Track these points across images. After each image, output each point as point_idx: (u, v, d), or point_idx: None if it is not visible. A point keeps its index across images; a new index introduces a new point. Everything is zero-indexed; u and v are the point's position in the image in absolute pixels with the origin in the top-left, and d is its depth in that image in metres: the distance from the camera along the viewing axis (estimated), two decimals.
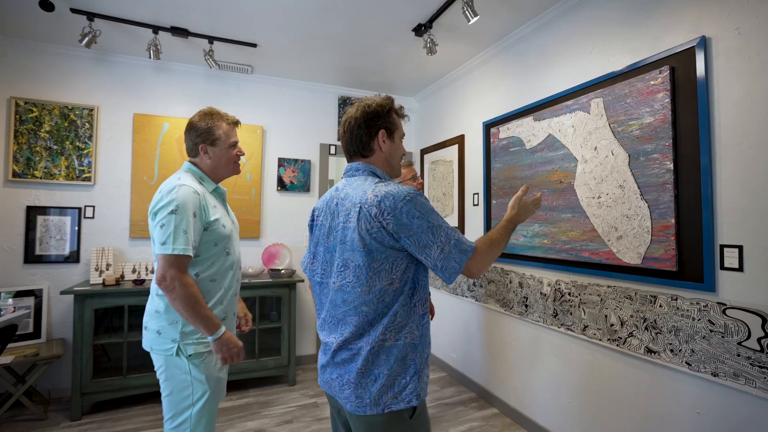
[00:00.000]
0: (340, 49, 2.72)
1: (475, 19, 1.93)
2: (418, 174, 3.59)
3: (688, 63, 1.54)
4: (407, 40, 2.56)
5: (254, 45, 2.64)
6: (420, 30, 2.35)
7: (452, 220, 3.15)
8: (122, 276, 2.69)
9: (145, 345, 1.33)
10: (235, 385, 2.89)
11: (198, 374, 1.30)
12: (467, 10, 1.90)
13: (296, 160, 3.35)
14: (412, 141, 3.85)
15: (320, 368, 1.10)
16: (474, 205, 2.91)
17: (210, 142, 1.40)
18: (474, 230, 2.90)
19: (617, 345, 1.81)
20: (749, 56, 1.39)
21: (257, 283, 2.84)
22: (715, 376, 1.46)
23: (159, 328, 1.31)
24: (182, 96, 3.05)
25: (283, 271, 3.05)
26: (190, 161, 1.44)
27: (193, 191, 1.29)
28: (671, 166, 1.58)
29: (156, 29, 2.36)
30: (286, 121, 3.34)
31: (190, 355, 1.29)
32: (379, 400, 0.97)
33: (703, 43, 1.50)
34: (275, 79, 3.28)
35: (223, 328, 1.30)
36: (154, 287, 1.34)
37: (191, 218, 1.26)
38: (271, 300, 3.14)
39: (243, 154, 1.51)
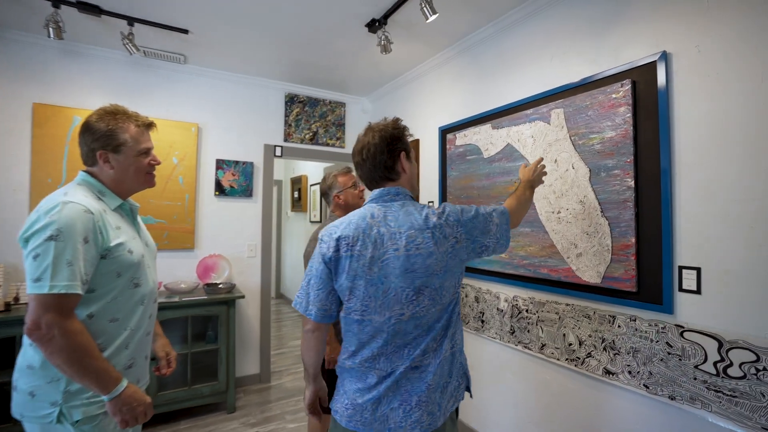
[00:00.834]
0: (287, 41, 2.46)
1: (434, 17, 1.78)
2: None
3: (650, 78, 1.50)
4: (360, 36, 2.36)
5: (185, 31, 2.30)
6: (374, 26, 2.17)
7: None
8: (16, 298, 2.24)
9: (15, 412, 1.02)
10: (161, 418, 2.54)
11: None
12: (425, 6, 1.75)
13: (237, 162, 3.03)
14: None
15: (366, 406, 1.01)
16: None
17: (112, 148, 1.11)
18: None
19: (575, 365, 1.75)
20: (708, 75, 1.36)
21: (190, 302, 2.50)
22: (672, 399, 1.43)
23: (33, 389, 1.00)
24: (99, 86, 2.61)
25: (221, 286, 2.73)
26: (86, 171, 1.14)
27: (84, 209, 1.01)
28: (632, 183, 1.53)
29: (57, 2, 1.96)
30: (225, 118, 3.00)
31: (77, 421, 1.00)
32: (446, 408, 1.03)
33: (665, 57, 1.46)
34: (213, 72, 2.93)
35: (124, 383, 1.03)
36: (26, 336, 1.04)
37: (80, 245, 0.98)
38: (206, 318, 2.81)
39: (158, 164, 1.23)
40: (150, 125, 1.20)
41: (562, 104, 1.79)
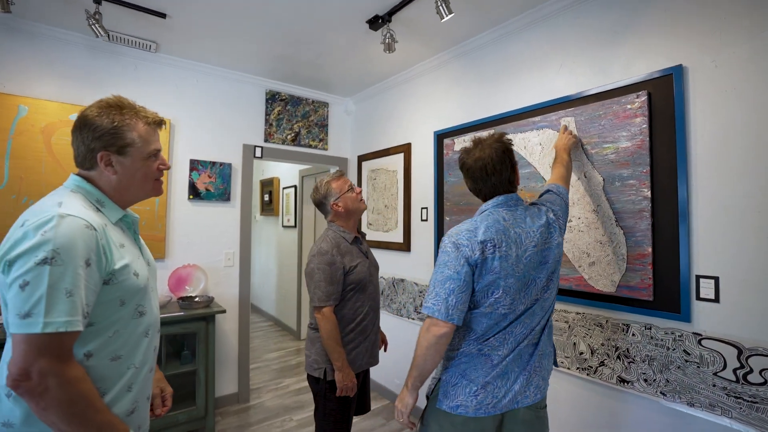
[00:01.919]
0: (275, 33, 2.28)
1: (449, 16, 1.71)
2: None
3: (665, 90, 1.52)
4: (359, 33, 2.24)
5: (163, 15, 2.05)
6: (377, 23, 2.06)
7: (396, 236, 2.92)
8: None
9: None
10: None
11: None
12: (442, 5, 1.67)
13: (213, 163, 2.77)
14: (347, 146, 3.53)
15: (495, 384, 1.15)
16: (422, 220, 2.71)
17: (117, 149, 0.92)
18: (422, 248, 2.70)
19: (587, 374, 1.75)
20: (725, 89, 1.40)
21: (164, 319, 2.23)
22: (691, 405, 1.45)
23: None
24: (51, 71, 2.27)
25: (197, 299, 2.47)
26: (80, 175, 0.93)
27: (86, 225, 0.81)
28: (649, 193, 1.55)
29: None
30: (201, 115, 2.73)
31: None
32: (549, 374, 1.28)
33: (680, 71, 1.49)
34: (187, 63, 2.66)
35: None
36: (2, 383, 0.82)
37: (81, 269, 0.78)
38: (180, 336, 2.53)
39: (167, 168, 1.04)
40: (160, 123, 1.01)
41: (573, 113, 1.79)
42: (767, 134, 1.31)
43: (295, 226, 4.49)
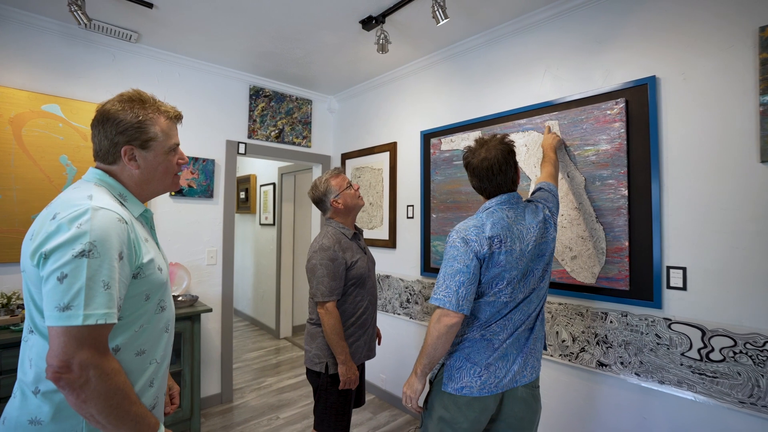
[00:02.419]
0: (266, 29, 2.26)
1: (445, 21, 1.78)
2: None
3: (641, 98, 1.67)
4: (351, 32, 2.27)
5: (150, 5, 1.98)
6: (370, 23, 2.10)
7: (382, 233, 2.97)
8: None
9: None
10: None
11: None
12: (438, 10, 1.74)
13: (196, 159, 2.70)
14: (330, 144, 3.54)
15: (497, 365, 1.25)
16: (408, 217, 2.78)
17: (140, 143, 0.91)
18: (408, 245, 2.77)
19: (569, 360, 1.88)
20: (693, 100, 1.56)
21: None
22: (661, 383, 1.61)
23: None
24: (22, 58, 2.13)
25: (181, 299, 2.41)
26: (102, 169, 0.92)
27: (118, 218, 0.81)
28: (626, 192, 1.69)
29: None
30: (183, 110, 2.60)
31: None
32: (541, 356, 1.39)
33: (654, 82, 1.64)
34: (170, 56, 2.57)
35: (161, 429, 0.85)
36: (29, 379, 0.81)
37: (115, 262, 0.78)
38: None
39: (186, 163, 1.04)
40: (180, 117, 1.01)
41: (557, 116, 1.92)
42: (729, 140, 1.48)
43: (274, 224, 4.43)
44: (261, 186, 4.73)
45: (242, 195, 5.03)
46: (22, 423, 0.79)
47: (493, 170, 1.29)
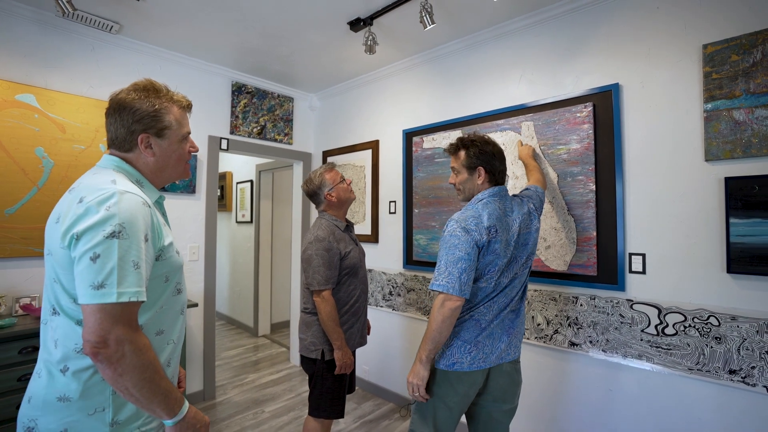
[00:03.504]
0: (254, 26, 2.29)
1: (432, 26, 1.89)
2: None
3: (607, 103, 1.86)
4: (339, 33, 2.34)
5: None
6: (358, 25, 2.18)
7: (364, 228, 3.06)
8: None
9: None
10: None
11: None
12: (426, 16, 1.85)
13: None
14: (311, 141, 3.58)
15: (484, 342, 1.38)
16: (390, 213, 2.88)
17: (156, 132, 0.95)
18: (390, 239, 2.87)
19: (544, 342, 2.06)
20: (649, 107, 1.77)
21: None
22: (624, 357, 1.80)
23: (67, 426, 0.81)
24: None
25: None
26: (117, 156, 0.95)
27: (142, 202, 0.86)
28: (594, 187, 1.88)
29: None
30: None
31: None
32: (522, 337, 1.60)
33: (617, 88, 1.83)
34: (151, 48, 2.53)
35: (187, 403, 0.90)
36: (55, 359, 0.83)
37: (142, 244, 0.83)
38: None
39: (197, 151, 1.08)
40: (190, 107, 1.06)
41: (532, 117, 2.09)
42: (680, 141, 1.69)
43: (251, 222, 4.40)
44: (237, 183, 4.67)
45: (218, 192, 4.94)
46: (51, 401, 0.82)
47: (500, 160, 1.47)
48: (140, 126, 0.93)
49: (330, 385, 1.71)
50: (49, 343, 0.85)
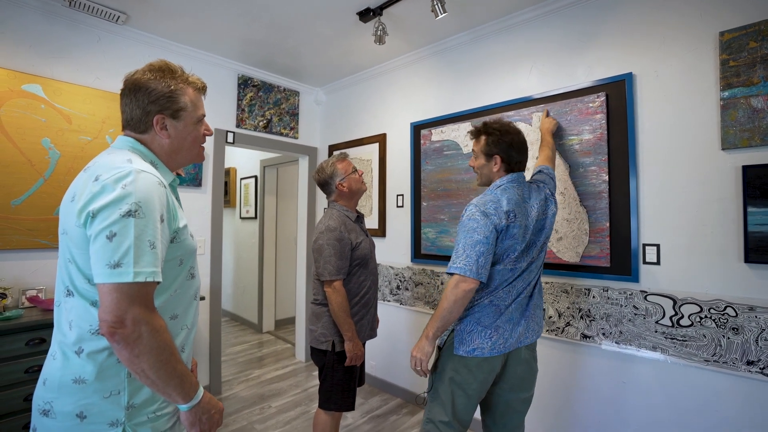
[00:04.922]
0: (262, 17, 2.27)
1: (443, 15, 1.87)
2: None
3: (620, 93, 1.84)
4: (347, 24, 2.32)
5: None
6: (367, 15, 2.16)
7: (372, 222, 3.04)
8: None
9: None
10: None
11: None
12: (437, 4, 1.83)
13: None
14: (316, 135, 3.56)
15: (505, 327, 1.37)
16: (398, 206, 2.86)
17: (172, 113, 0.93)
18: (398, 233, 2.85)
19: (556, 335, 2.04)
20: (664, 96, 1.75)
21: None
22: (638, 350, 1.78)
23: (83, 409, 0.79)
24: (1, 36, 2.02)
25: None
26: (133, 137, 0.93)
27: (158, 182, 0.84)
28: (606, 177, 1.86)
29: None
30: None
31: None
32: (541, 322, 1.55)
33: (631, 78, 1.81)
34: (157, 40, 2.52)
35: (201, 388, 0.88)
36: (70, 340, 0.81)
37: (158, 224, 0.81)
38: None
39: (211, 134, 1.06)
40: (205, 89, 1.04)
41: (543, 109, 2.06)
42: (695, 130, 1.66)
43: (256, 218, 4.38)
44: (242, 179, 4.66)
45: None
46: (66, 383, 0.80)
47: (519, 149, 1.46)
48: (156, 107, 0.91)
49: (340, 377, 1.69)
50: (63, 325, 0.83)
